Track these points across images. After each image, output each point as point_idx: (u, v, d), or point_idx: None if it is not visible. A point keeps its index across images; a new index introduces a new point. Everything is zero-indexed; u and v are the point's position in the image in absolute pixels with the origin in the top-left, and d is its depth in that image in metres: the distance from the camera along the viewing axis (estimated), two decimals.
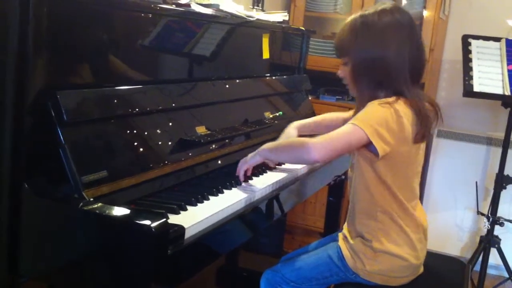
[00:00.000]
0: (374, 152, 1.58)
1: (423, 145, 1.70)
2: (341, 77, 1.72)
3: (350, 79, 1.69)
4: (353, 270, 1.70)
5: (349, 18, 1.67)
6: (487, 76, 2.89)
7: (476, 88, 2.86)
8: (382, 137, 1.55)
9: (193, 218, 1.41)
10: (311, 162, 1.66)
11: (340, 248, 1.74)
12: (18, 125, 1.35)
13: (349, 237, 1.73)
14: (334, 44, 1.72)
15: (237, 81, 2.20)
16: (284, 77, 2.62)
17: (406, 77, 1.61)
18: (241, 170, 1.75)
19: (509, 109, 2.96)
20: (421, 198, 1.87)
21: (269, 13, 2.62)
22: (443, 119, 1.72)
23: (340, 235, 1.79)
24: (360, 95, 1.68)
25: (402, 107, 1.59)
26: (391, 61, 1.59)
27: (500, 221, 3.06)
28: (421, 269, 1.76)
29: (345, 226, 1.79)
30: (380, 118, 1.56)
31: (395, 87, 1.61)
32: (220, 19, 2.07)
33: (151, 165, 1.58)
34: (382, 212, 1.66)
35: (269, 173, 1.91)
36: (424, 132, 1.61)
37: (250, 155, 1.77)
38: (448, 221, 3.63)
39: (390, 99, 1.60)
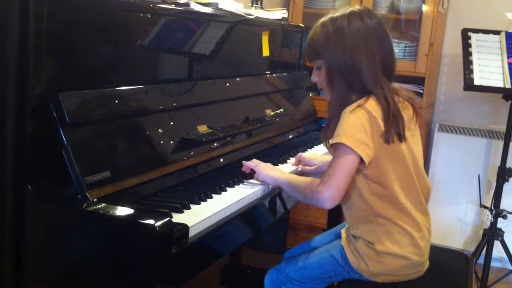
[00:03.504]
0: (361, 160, 1.58)
1: (414, 140, 1.69)
2: (316, 82, 1.75)
3: (325, 82, 1.71)
4: (357, 271, 1.69)
5: (320, 22, 1.71)
6: (488, 70, 2.89)
7: (477, 82, 2.85)
8: (363, 143, 1.56)
9: (197, 217, 1.42)
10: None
11: (343, 249, 1.73)
12: (21, 127, 1.35)
13: (352, 237, 1.72)
14: (308, 48, 1.74)
15: (238, 79, 2.21)
16: (285, 74, 2.62)
17: (378, 77, 1.64)
18: (248, 169, 1.79)
19: (510, 101, 2.95)
20: None
21: (268, 10, 2.62)
22: (420, 116, 1.72)
23: (343, 232, 1.78)
24: (334, 96, 1.70)
25: (373, 107, 1.60)
26: (363, 65, 1.62)
27: (503, 214, 3.06)
28: (427, 265, 1.75)
29: (348, 224, 1.78)
30: (356, 125, 1.57)
31: (367, 87, 1.63)
32: (220, 17, 2.07)
33: (153, 165, 1.58)
34: (381, 217, 1.65)
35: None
36: (394, 131, 1.60)
37: (267, 169, 1.78)
38: (451, 215, 3.63)
39: (361, 101, 1.61)
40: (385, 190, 1.63)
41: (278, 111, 2.35)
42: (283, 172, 1.83)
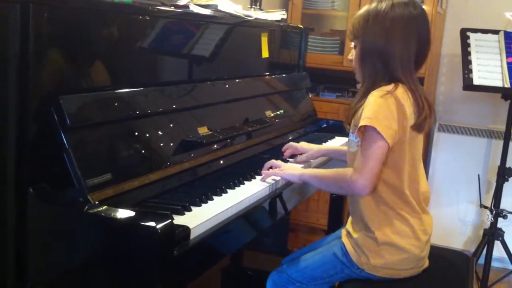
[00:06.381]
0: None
1: (420, 136, 1.72)
2: (349, 60, 1.78)
3: (356, 63, 1.74)
4: (358, 265, 1.70)
5: (367, 5, 1.72)
6: (487, 69, 2.89)
7: (476, 81, 2.86)
8: (391, 128, 1.58)
9: (198, 219, 1.42)
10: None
11: (343, 244, 1.74)
12: (22, 131, 1.36)
13: (352, 232, 1.73)
14: (349, 28, 1.77)
15: (237, 80, 2.21)
16: (284, 75, 2.63)
17: (410, 67, 1.67)
18: (268, 170, 1.81)
19: (509, 101, 2.96)
20: None
21: (267, 12, 2.62)
22: (435, 118, 1.75)
23: (343, 231, 1.80)
24: (363, 78, 1.73)
25: (402, 95, 1.63)
26: (396, 52, 1.65)
27: (503, 214, 3.06)
28: (426, 263, 1.77)
29: (349, 221, 1.80)
30: (385, 110, 1.59)
31: (396, 74, 1.66)
32: (219, 19, 2.08)
33: (154, 167, 1.58)
34: (385, 205, 1.67)
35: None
36: (422, 121, 1.65)
37: (288, 168, 1.81)
38: (451, 215, 3.63)
39: (390, 87, 1.63)
40: (394, 177, 1.65)
41: (278, 112, 2.35)
42: (303, 168, 1.84)
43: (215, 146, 1.86)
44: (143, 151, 1.59)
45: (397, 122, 1.60)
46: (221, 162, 1.88)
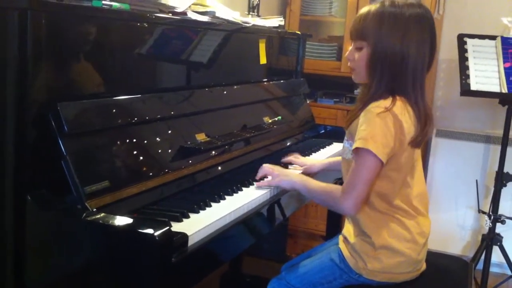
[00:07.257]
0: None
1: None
2: (349, 60, 1.70)
3: (364, 65, 1.65)
4: (356, 270, 1.70)
5: (378, 4, 1.63)
6: (484, 75, 2.90)
7: (473, 87, 2.86)
8: (387, 146, 1.57)
9: (196, 225, 1.42)
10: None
11: (340, 250, 1.74)
12: (20, 137, 1.35)
13: (349, 237, 1.73)
14: (354, 25, 1.66)
15: (235, 87, 2.21)
16: (282, 81, 2.63)
17: (422, 73, 1.63)
18: (262, 176, 1.84)
19: (506, 106, 2.96)
20: None
21: (265, 18, 2.63)
22: (433, 128, 1.74)
23: (340, 237, 1.79)
24: (369, 84, 1.66)
25: (400, 110, 1.59)
26: (411, 54, 1.59)
27: (502, 219, 3.06)
28: (424, 266, 1.77)
29: (345, 226, 1.79)
30: (383, 130, 1.56)
31: (403, 86, 1.61)
32: (217, 26, 2.08)
33: (152, 174, 1.58)
34: (378, 211, 1.67)
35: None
36: (422, 137, 1.63)
37: (282, 175, 1.82)
38: (450, 220, 3.63)
39: (387, 102, 1.59)
40: (386, 188, 1.65)
41: (276, 119, 2.36)
42: (299, 175, 1.84)
43: (213, 152, 1.86)
44: (141, 158, 1.59)
45: (394, 138, 1.57)
46: (219, 168, 1.88)
